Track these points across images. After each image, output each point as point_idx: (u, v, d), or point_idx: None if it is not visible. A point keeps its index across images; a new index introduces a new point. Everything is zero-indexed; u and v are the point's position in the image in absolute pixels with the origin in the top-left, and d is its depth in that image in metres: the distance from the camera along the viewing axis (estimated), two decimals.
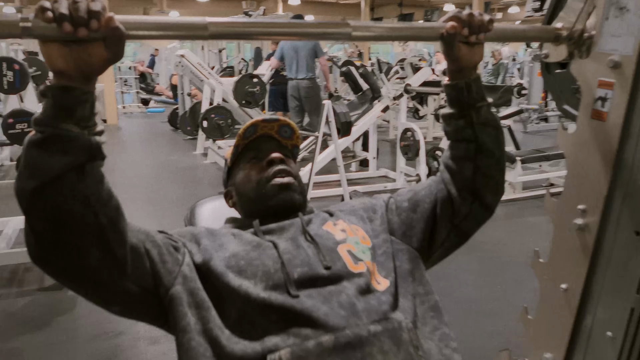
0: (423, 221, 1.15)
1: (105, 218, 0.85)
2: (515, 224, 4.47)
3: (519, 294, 2.93)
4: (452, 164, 1.13)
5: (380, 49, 22.10)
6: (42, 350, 2.49)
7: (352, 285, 0.97)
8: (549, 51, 1.21)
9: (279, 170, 1.16)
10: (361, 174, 6.06)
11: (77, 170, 0.81)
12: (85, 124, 0.82)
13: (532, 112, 9.19)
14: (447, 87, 1.10)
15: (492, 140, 1.11)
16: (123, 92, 12.90)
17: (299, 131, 1.25)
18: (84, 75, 0.81)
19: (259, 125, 1.21)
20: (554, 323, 1.26)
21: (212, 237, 1.06)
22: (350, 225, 1.12)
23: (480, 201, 1.13)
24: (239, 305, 0.94)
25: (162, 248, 0.97)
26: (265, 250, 1.01)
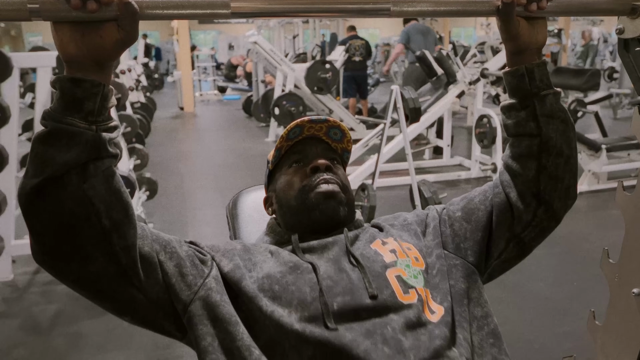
0: (478, 231, 1.02)
1: (110, 221, 0.79)
2: (598, 217, 4.20)
3: (597, 294, 2.73)
4: (512, 164, 0.99)
5: (462, 32, 21.43)
6: (104, 335, 2.60)
7: (400, 318, 0.87)
8: (624, 25, 1.08)
9: (325, 179, 1.03)
10: (434, 162, 5.90)
11: (80, 169, 0.76)
12: (95, 119, 0.77)
13: (623, 97, 8.58)
14: (507, 74, 0.98)
15: (559, 136, 0.96)
16: (200, 80, 13.27)
17: (350, 135, 1.13)
18: (97, 62, 0.77)
19: (305, 126, 1.08)
20: (624, 331, 1.14)
21: (247, 254, 0.98)
22: (401, 243, 1.01)
23: (545, 207, 0.98)
24: (272, 332, 0.87)
25: (183, 260, 0.91)
26: (302, 274, 0.92)
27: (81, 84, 0.76)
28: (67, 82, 0.76)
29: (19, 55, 3.17)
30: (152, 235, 0.90)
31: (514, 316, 2.68)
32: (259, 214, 1.30)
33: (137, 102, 7.17)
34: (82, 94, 0.76)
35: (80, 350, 2.47)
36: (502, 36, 0.95)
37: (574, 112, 6.11)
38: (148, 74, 11.46)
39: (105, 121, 0.79)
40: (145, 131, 6.19)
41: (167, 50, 18.50)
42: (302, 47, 11.63)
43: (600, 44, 12.81)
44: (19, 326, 2.68)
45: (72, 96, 0.76)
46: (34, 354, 2.46)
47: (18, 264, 3.31)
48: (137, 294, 0.86)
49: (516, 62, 0.96)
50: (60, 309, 2.83)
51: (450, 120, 5.72)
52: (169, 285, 0.88)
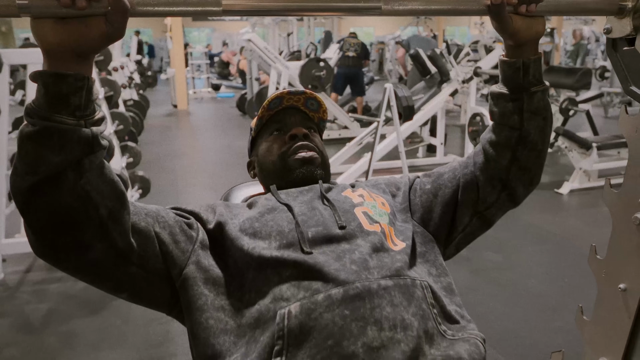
0: (442, 205, 1.10)
1: (106, 210, 0.81)
2: (588, 214, 4.22)
3: (588, 290, 2.75)
4: (489, 149, 1.06)
5: (457, 31, 21.47)
6: (97, 333, 2.60)
7: (366, 243, 0.95)
8: (612, 25, 1.08)
9: (302, 145, 1.12)
10: (428, 160, 5.92)
11: (75, 166, 0.76)
12: (82, 114, 0.76)
13: (614, 95, 8.63)
14: (503, 63, 1.01)
15: (538, 132, 1.03)
16: (194, 78, 13.23)
17: (325, 105, 1.21)
18: (78, 53, 0.74)
19: (284, 97, 1.17)
20: (611, 325, 1.15)
21: (228, 208, 1.05)
22: (370, 193, 1.09)
23: (509, 191, 1.07)
24: (254, 267, 0.93)
25: (173, 228, 0.95)
26: (279, 213, 1.00)
27: (65, 79, 0.73)
28: (50, 77, 0.73)
29: (9, 51, 3.15)
30: (143, 210, 0.92)
31: (506, 313, 2.70)
32: None
33: (130, 100, 7.15)
34: (67, 89, 0.73)
35: (73, 349, 2.46)
36: (498, 32, 0.96)
37: (566, 110, 6.14)
38: (141, 72, 11.42)
39: (93, 114, 0.78)
40: (138, 129, 6.18)
41: (160, 48, 18.44)
42: (296, 44, 11.62)
43: (592, 43, 12.86)
44: (11, 325, 2.68)
45: (57, 92, 0.73)
46: (26, 353, 2.45)
47: (9, 263, 3.30)
48: (136, 270, 0.89)
49: (514, 54, 0.99)
50: (52, 307, 2.83)
51: (444, 118, 5.74)
52: (166, 253, 0.92)
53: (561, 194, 4.62)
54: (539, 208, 4.18)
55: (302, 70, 6.64)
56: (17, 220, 3.41)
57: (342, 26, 17.03)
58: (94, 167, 0.79)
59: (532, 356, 2.34)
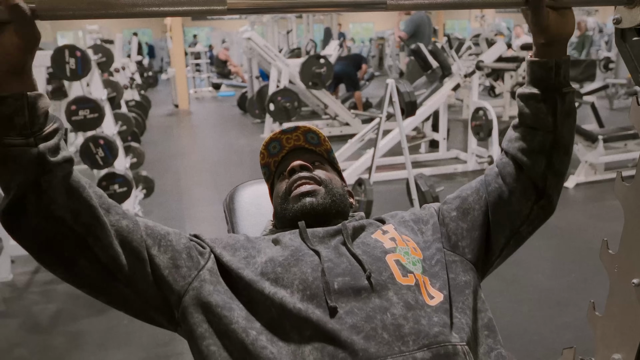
0: (475, 230, 1.04)
1: (80, 227, 0.81)
2: (595, 208, 4.21)
3: (596, 284, 2.74)
4: (522, 158, 1.00)
5: (457, 24, 21.40)
6: (104, 333, 2.60)
7: (399, 300, 0.88)
8: (622, 15, 1.07)
9: (299, 177, 1.08)
10: (430, 155, 5.90)
11: (33, 188, 0.76)
12: (30, 131, 0.75)
13: (619, 87, 8.58)
14: (534, 63, 0.97)
15: (570, 135, 1.01)
16: (194, 77, 13.21)
17: (323, 135, 1.17)
18: (8, 70, 0.73)
19: (282, 139, 1.15)
20: (624, 321, 1.14)
21: (251, 243, 1.01)
22: (401, 235, 1.03)
23: (547, 200, 1.02)
24: (273, 313, 0.88)
25: (178, 253, 0.93)
26: (304, 257, 0.94)
27: (5, 101, 0.72)
28: None
29: None
30: (146, 230, 0.91)
31: (513, 308, 2.69)
32: (256, 207, 1.33)
33: (132, 101, 7.15)
34: (8, 110, 0.73)
35: (81, 349, 2.46)
36: (531, 28, 0.94)
37: None
38: (142, 72, 11.41)
39: (42, 129, 0.76)
40: (140, 129, 6.17)
41: (160, 48, 18.44)
42: (296, 42, 11.59)
43: (595, 34, 12.80)
44: (19, 325, 2.68)
45: (0, 114, 0.73)
46: (34, 353, 2.46)
47: (17, 264, 3.30)
48: (124, 289, 0.88)
49: (545, 53, 0.96)
50: (60, 308, 2.83)
51: (446, 113, 5.71)
52: (161, 278, 0.90)
53: (567, 188, 4.59)
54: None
55: (302, 67, 6.62)
56: None
57: (341, 22, 16.99)
58: (55, 185, 0.78)
59: (540, 352, 2.33)
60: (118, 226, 0.86)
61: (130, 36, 12.62)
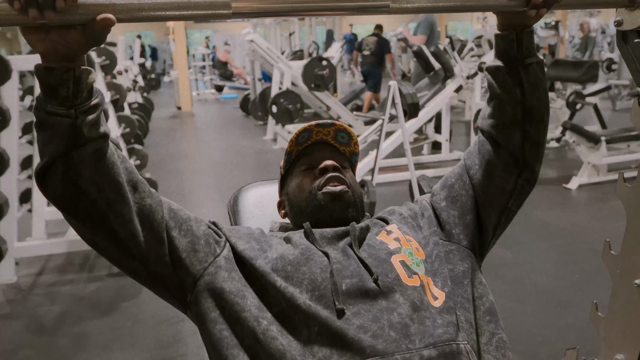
0: (466, 215, 1.07)
1: (104, 201, 0.85)
2: (598, 209, 4.20)
3: (598, 285, 2.74)
4: (497, 134, 1.03)
5: (459, 26, 21.38)
6: (108, 334, 2.61)
7: (405, 300, 0.91)
8: (623, 17, 1.08)
9: (332, 177, 1.08)
10: (433, 157, 5.90)
11: (63, 159, 0.81)
12: (72, 103, 0.79)
13: (621, 88, 8.57)
14: (497, 37, 1.01)
15: (541, 104, 1.02)
16: (197, 79, 13.23)
17: (356, 138, 1.16)
18: (64, 57, 0.78)
19: (313, 131, 1.13)
20: (627, 322, 1.14)
21: (264, 237, 1.03)
22: (404, 235, 1.05)
23: (529, 171, 1.04)
24: (283, 306, 0.91)
25: (197, 238, 0.96)
26: (314, 257, 0.96)
27: (52, 72, 0.77)
28: (40, 71, 0.78)
29: (18, 58, 3.17)
30: (169, 212, 0.95)
31: (516, 309, 2.69)
32: (260, 209, 1.33)
33: (135, 103, 7.17)
34: (54, 81, 0.78)
35: (85, 350, 2.47)
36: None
37: (573, 104, 6.10)
38: (144, 74, 11.44)
39: (84, 103, 0.81)
40: (143, 131, 6.19)
41: (163, 50, 18.47)
42: (298, 44, 11.60)
43: (598, 35, 12.78)
44: (24, 327, 2.69)
45: (47, 83, 0.78)
46: (39, 355, 2.47)
47: (21, 266, 3.32)
48: (139, 266, 0.92)
49: (506, 27, 0.99)
50: (64, 309, 2.84)
51: (449, 114, 5.71)
52: (179, 259, 0.93)
53: (570, 189, 4.59)
54: (548, 203, 4.14)
55: (304, 69, 6.63)
56: (29, 224, 3.44)
57: (343, 24, 16.99)
58: (84, 159, 0.82)
59: (543, 353, 2.33)
60: (141, 204, 0.89)
61: (133, 38, 12.65)
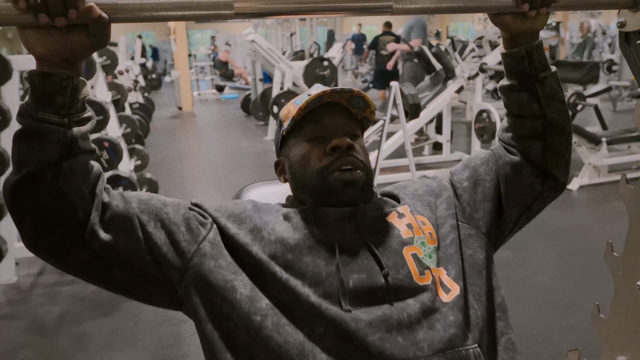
0: (487, 202, 1.03)
1: (84, 215, 0.81)
2: (599, 210, 4.20)
3: (600, 286, 2.74)
4: (517, 145, 1.02)
5: (460, 27, 21.39)
6: (109, 335, 2.60)
7: (415, 302, 0.86)
8: (626, 19, 1.07)
9: (345, 161, 0.95)
10: (434, 157, 5.89)
11: (53, 167, 0.77)
12: (67, 112, 0.77)
13: (622, 89, 8.57)
14: (505, 56, 0.99)
15: (560, 115, 1.00)
16: (198, 80, 13.23)
17: (374, 105, 1.03)
18: (65, 60, 0.76)
19: (325, 95, 0.98)
20: (629, 323, 1.13)
21: (258, 213, 0.95)
22: (416, 217, 0.98)
23: (553, 180, 1.03)
24: (284, 297, 0.84)
25: (176, 226, 0.89)
26: (317, 246, 0.89)
27: (50, 78, 0.75)
28: (37, 77, 0.76)
29: (19, 58, 3.16)
30: (140, 206, 0.88)
31: (518, 310, 2.68)
32: None
33: (136, 103, 7.16)
34: (51, 87, 0.76)
35: (86, 351, 2.47)
36: (493, 24, 0.96)
37: (574, 105, 6.10)
38: (145, 74, 11.44)
39: (78, 113, 0.80)
40: (144, 132, 6.19)
41: (164, 50, 18.48)
42: (299, 44, 11.60)
43: (598, 36, 12.77)
44: (25, 328, 2.69)
45: (43, 90, 0.76)
46: (39, 355, 2.46)
47: (21, 266, 3.31)
48: (121, 274, 0.86)
49: (513, 44, 0.97)
50: (65, 309, 2.84)
51: (450, 115, 5.71)
52: (160, 255, 0.87)
53: (570, 190, 4.59)
54: (549, 204, 4.12)
55: (306, 69, 6.64)
56: None
57: (344, 25, 16.99)
58: (75, 170, 0.79)
59: (545, 354, 2.33)
60: (109, 208, 0.84)
61: (134, 38, 12.66)
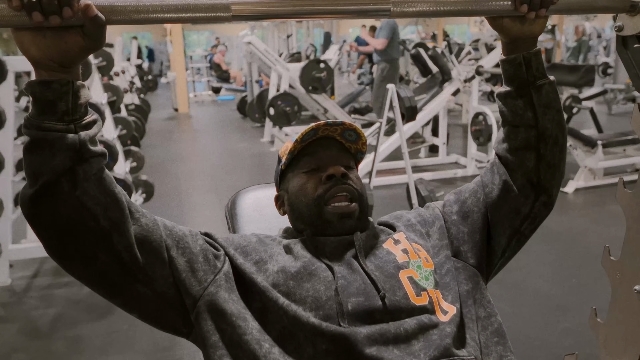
0: (476, 233, 1.03)
1: (108, 221, 0.80)
2: (595, 212, 4.20)
3: (597, 290, 2.74)
4: (510, 157, 1.01)
5: (456, 29, 21.43)
6: (104, 338, 2.58)
7: (412, 320, 0.89)
8: (624, 23, 1.07)
9: (340, 189, 1.01)
10: (430, 160, 5.90)
11: (69, 176, 0.77)
12: (71, 118, 0.77)
13: (617, 92, 8.60)
14: (504, 62, 0.99)
15: (555, 125, 0.99)
16: (194, 81, 13.21)
17: (365, 137, 1.10)
18: (61, 64, 0.75)
19: (320, 129, 1.06)
20: (626, 328, 1.13)
21: (263, 246, 0.99)
22: (411, 244, 1.01)
23: (546, 195, 1.01)
24: (286, 323, 0.88)
25: (195, 255, 0.92)
26: (317, 272, 0.92)
27: (50, 86, 0.75)
28: (37, 86, 0.75)
29: (14, 58, 3.15)
30: (165, 231, 0.90)
31: (514, 313, 2.69)
32: (259, 213, 1.32)
33: (132, 104, 7.15)
34: (52, 95, 0.75)
35: (81, 354, 2.45)
36: (494, 29, 0.97)
37: (569, 108, 6.12)
38: (141, 76, 11.41)
39: (83, 117, 0.79)
40: (140, 133, 6.17)
41: (160, 52, 18.45)
42: (296, 46, 11.59)
43: (594, 39, 12.81)
44: (19, 330, 2.67)
45: (44, 99, 0.75)
46: (34, 358, 2.44)
47: (16, 269, 3.29)
48: (143, 289, 0.87)
49: (512, 50, 0.97)
50: (60, 312, 2.82)
51: (446, 118, 5.71)
52: (179, 280, 0.89)
53: (566, 193, 4.60)
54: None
55: (302, 71, 6.63)
56: (24, 226, 3.41)
57: (341, 27, 17.00)
58: (90, 177, 0.78)
59: (542, 358, 2.32)
60: (140, 224, 0.86)
61: (130, 40, 12.64)
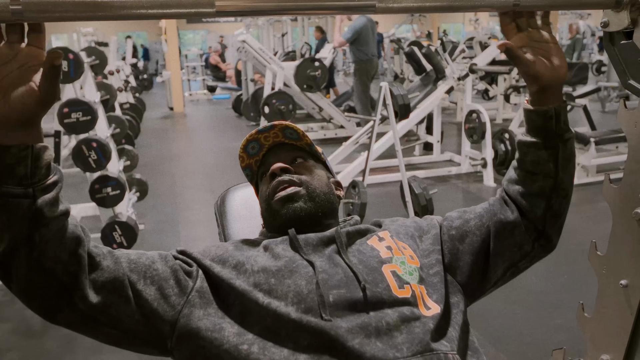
0: (471, 255, 1.03)
1: (69, 277, 0.81)
2: (587, 210, 4.22)
3: (588, 286, 2.75)
4: (521, 201, 1.00)
5: (451, 28, 21.47)
6: None
7: (394, 312, 0.88)
8: (609, 19, 1.08)
9: (279, 181, 1.05)
10: (424, 158, 5.91)
11: (26, 241, 0.76)
12: (30, 182, 0.75)
13: (611, 90, 8.64)
14: (532, 112, 0.95)
15: (570, 179, 1.00)
16: (189, 80, 13.19)
17: (302, 130, 1.12)
18: (21, 122, 0.73)
19: (260, 138, 1.12)
20: (612, 322, 1.14)
21: (239, 251, 0.99)
22: (397, 242, 1.01)
23: (545, 240, 1.02)
24: (268, 322, 0.87)
25: (165, 281, 0.91)
26: (298, 268, 0.92)
27: (8, 150, 0.73)
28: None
29: None
30: (129, 265, 0.90)
31: (506, 310, 2.70)
32: (248, 210, 1.32)
33: (126, 103, 7.14)
34: (11, 159, 0.73)
35: (74, 353, 2.45)
36: (522, 76, 0.95)
37: None
38: (137, 75, 11.40)
39: (42, 180, 0.76)
40: (134, 132, 6.17)
41: (155, 51, 18.42)
42: (291, 45, 11.59)
43: (587, 37, 12.85)
44: (11, 330, 2.67)
45: (2, 163, 0.73)
46: (27, 358, 2.44)
47: None
48: (111, 331, 0.88)
49: (541, 100, 0.94)
50: None
51: (440, 116, 5.73)
52: (150, 310, 0.89)
53: None
54: None
55: (297, 70, 6.63)
56: None
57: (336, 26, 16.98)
58: (49, 239, 0.78)
59: (532, 354, 2.34)
60: (100, 268, 0.85)
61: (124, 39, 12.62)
